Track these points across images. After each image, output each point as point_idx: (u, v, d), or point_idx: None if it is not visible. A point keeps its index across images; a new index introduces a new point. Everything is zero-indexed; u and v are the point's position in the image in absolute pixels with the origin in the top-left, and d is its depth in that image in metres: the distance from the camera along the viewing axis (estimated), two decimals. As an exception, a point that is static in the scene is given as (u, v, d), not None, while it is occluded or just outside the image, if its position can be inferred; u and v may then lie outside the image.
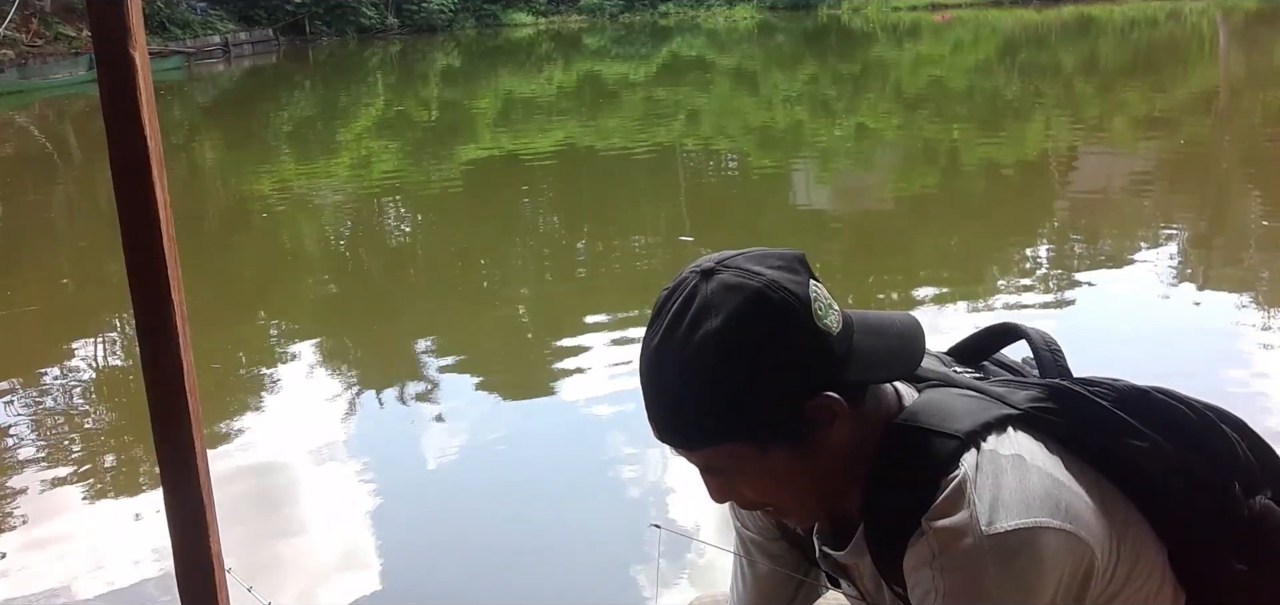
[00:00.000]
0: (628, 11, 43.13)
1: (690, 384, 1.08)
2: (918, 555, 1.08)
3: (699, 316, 1.08)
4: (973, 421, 1.13)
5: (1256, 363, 5.22)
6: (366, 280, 8.59)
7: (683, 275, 1.13)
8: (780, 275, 1.10)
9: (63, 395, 5.88)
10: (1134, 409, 1.18)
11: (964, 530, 1.05)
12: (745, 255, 1.13)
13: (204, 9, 33.82)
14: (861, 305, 1.18)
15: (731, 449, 1.11)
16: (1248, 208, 9.18)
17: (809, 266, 1.14)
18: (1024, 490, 1.07)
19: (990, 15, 35.63)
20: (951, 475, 1.08)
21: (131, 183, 1.26)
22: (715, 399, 1.08)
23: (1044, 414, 1.17)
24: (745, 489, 1.17)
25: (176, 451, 1.35)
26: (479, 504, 4.31)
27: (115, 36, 1.22)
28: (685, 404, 1.10)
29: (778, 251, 1.14)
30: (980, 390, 1.21)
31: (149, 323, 1.30)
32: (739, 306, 1.07)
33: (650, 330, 1.12)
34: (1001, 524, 1.05)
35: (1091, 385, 1.21)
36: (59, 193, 13.53)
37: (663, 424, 1.13)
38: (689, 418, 1.11)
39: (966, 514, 1.06)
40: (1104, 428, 1.17)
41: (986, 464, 1.09)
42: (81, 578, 3.79)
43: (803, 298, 1.09)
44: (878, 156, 13.48)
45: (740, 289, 1.08)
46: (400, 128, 18.14)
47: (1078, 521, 1.09)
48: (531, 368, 6.04)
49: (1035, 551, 1.05)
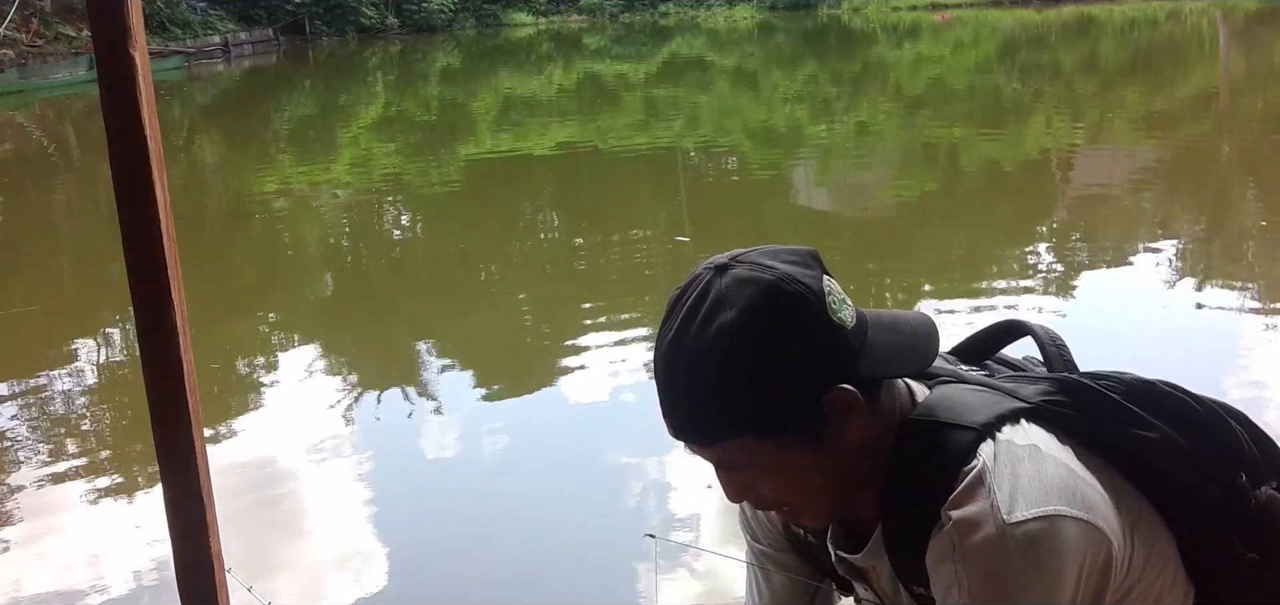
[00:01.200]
0: (628, 11, 43.13)
1: (706, 377, 1.08)
2: (939, 548, 1.08)
3: (713, 310, 1.08)
4: (988, 414, 1.13)
5: (1257, 362, 5.22)
6: (366, 280, 8.60)
7: (696, 272, 1.13)
8: (794, 269, 1.10)
9: (63, 395, 5.88)
10: (1142, 401, 1.19)
11: (984, 519, 1.05)
12: (758, 251, 1.13)
13: (204, 9, 33.81)
14: (862, 305, 1.18)
15: (747, 443, 1.11)
16: (1248, 207, 9.18)
17: (822, 262, 1.15)
18: (1041, 479, 1.08)
19: (990, 15, 35.61)
20: (970, 466, 1.08)
21: (131, 183, 1.26)
22: (731, 391, 1.08)
23: (1055, 407, 1.17)
24: (761, 486, 1.16)
25: (176, 451, 1.35)
26: (479, 504, 4.31)
27: (115, 36, 1.22)
28: (700, 397, 1.10)
29: (791, 248, 1.15)
30: (991, 385, 1.21)
31: (149, 323, 1.30)
32: (753, 299, 1.07)
33: (664, 326, 1.12)
34: (1021, 512, 1.05)
35: (1099, 378, 1.22)
36: (59, 193, 13.52)
37: (678, 420, 1.13)
38: (704, 412, 1.10)
39: (986, 503, 1.06)
40: (1114, 420, 1.17)
41: (1003, 454, 1.09)
42: (81, 578, 3.79)
43: (817, 291, 1.10)
44: (878, 156, 13.48)
45: (754, 282, 1.08)
46: (400, 127, 18.13)
47: (1094, 511, 1.09)
48: (531, 367, 6.04)
49: (1055, 540, 1.05)
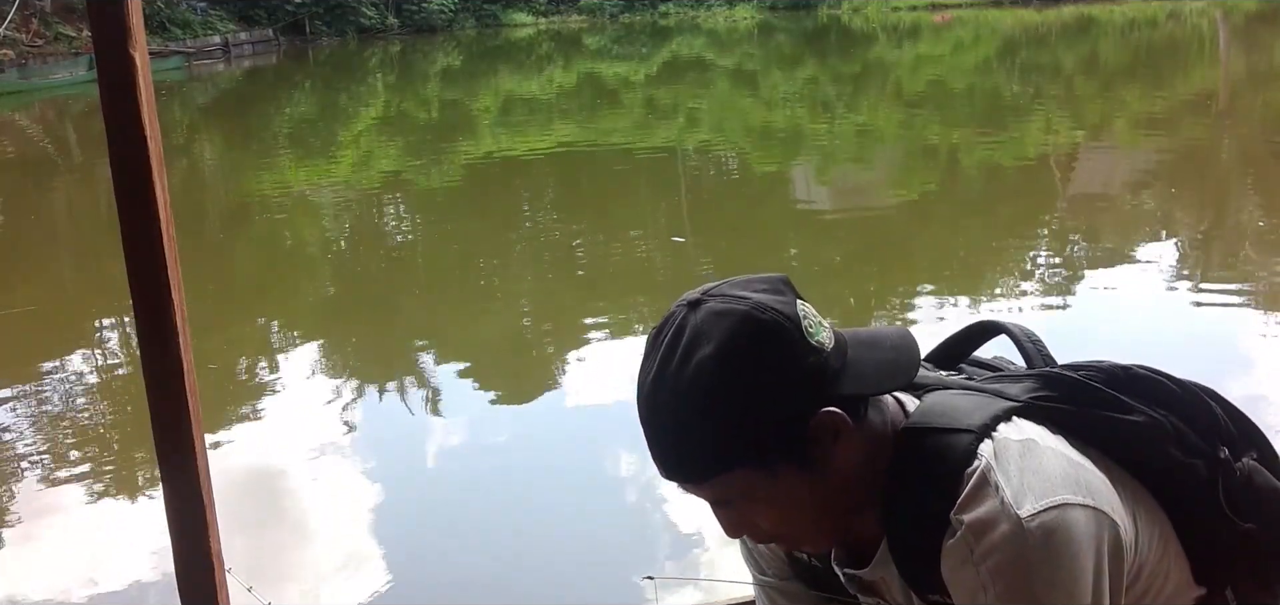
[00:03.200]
0: (628, 11, 43.10)
1: (691, 414, 1.08)
2: (956, 555, 1.08)
3: (691, 347, 1.08)
4: (982, 415, 1.13)
5: (1257, 361, 5.22)
6: (366, 280, 8.60)
7: (670, 310, 1.13)
8: (767, 297, 1.10)
9: (63, 395, 5.88)
10: (1123, 387, 1.21)
11: (997, 518, 1.05)
12: (729, 283, 1.13)
13: (204, 9, 33.79)
14: (862, 307, 1.18)
15: (738, 477, 1.11)
16: (1248, 207, 9.18)
17: (794, 287, 1.15)
18: (1045, 472, 1.08)
19: (990, 15, 35.61)
20: (972, 467, 1.09)
21: (131, 183, 1.26)
22: (717, 426, 1.08)
23: (1042, 402, 1.18)
24: (758, 518, 1.16)
25: (176, 451, 1.35)
26: (478, 504, 4.31)
27: (115, 36, 1.22)
28: (688, 436, 1.09)
29: (762, 276, 1.15)
30: (978, 388, 1.22)
31: (149, 323, 1.30)
32: (730, 330, 1.07)
33: (643, 369, 1.12)
34: (1030, 506, 1.05)
35: (1079, 369, 1.23)
36: (59, 193, 13.52)
37: (668, 461, 1.13)
38: (691, 451, 1.10)
39: (996, 501, 1.06)
40: (1100, 408, 1.19)
41: (1003, 451, 1.10)
42: (81, 578, 3.79)
43: (792, 317, 1.10)
44: (877, 156, 13.48)
45: (728, 314, 1.08)
46: (400, 127, 18.14)
47: (1099, 497, 1.10)
48: (531, 367, 6.04)
49: (1069, 529, 1.05)
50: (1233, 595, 1.25)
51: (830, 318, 1.17)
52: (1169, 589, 1.21)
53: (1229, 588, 1.25)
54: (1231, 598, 1.25)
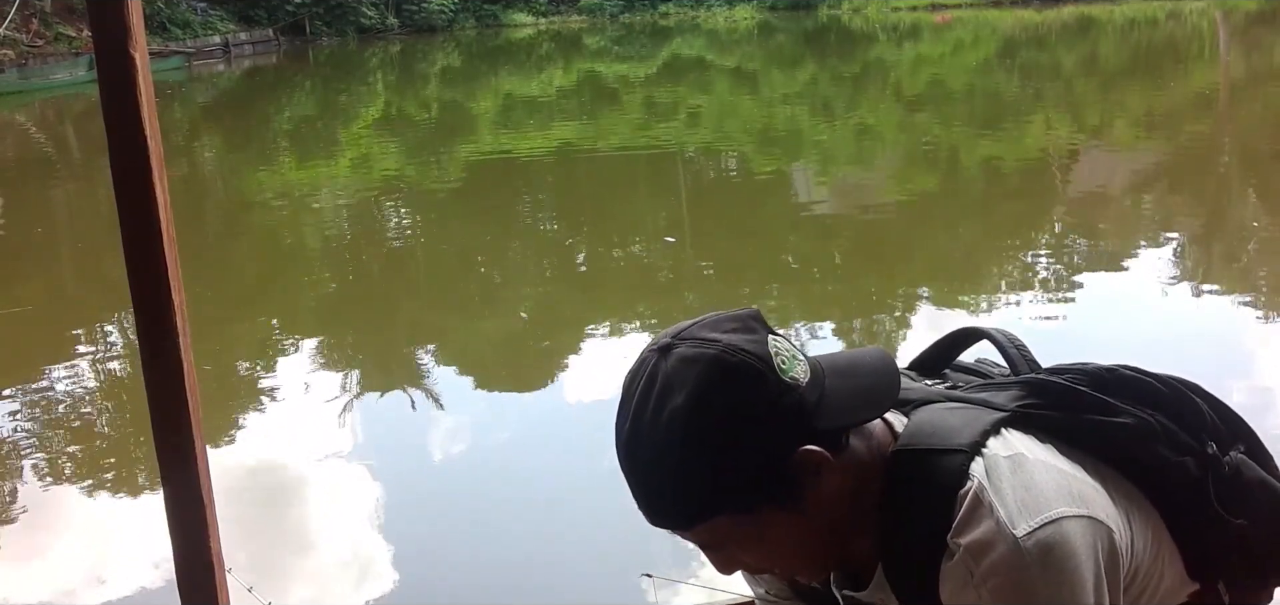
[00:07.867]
0: (628, 12, 43.08)
1: (666, 466, 1.07)
2: (956, 579, 1.07)
3: (662, 397, 1.07)
4: (971, 432, 1.12)
5: (1257, 361, 5.22)
6: (366, 280, 8.59)
7: (642, 356, 1.12)
8: (736, 338, 1.08)
9: (63, 395, 5.88)
10: (1109, 388, 1.20)
11: (994, 539, 1.05)
12: (699, 324, 1.12)
13: (204, 9, 33.78)
14: (860, 310, 1.17)
15: (723, 522, 1.10)
16: (1248, 207, 9.18)
17: (765, 322, 1.13)
18: (1037, 486, 1.08)
19: (990, 15, 35.59)
20: (965, 488, 1.08)
21: (131, 183, 1.26)
22: (694, 476, 1.07)
23: (1030, 410, 1.18)
24: (746, 557, 1.16)
25: (176, 451, 1.35)
26: (478, 502, 4.31)
27: (115, 36, 1.22)
28: (666, 487, 1.09)
29: (732, 314, 1.13)
30: (964, 400, 1.21)
31: (149, 323, 1.30)
32: (699, 378, 1.06)
33: (619, 418, 1.11)
34: (1027, 524, 1.05)
35: (1064, 373, 1.23)
36: (59, 193, 13.52)
37: (651, 510, 1.12)
38: (672, 499, 1.10)
39: (992, 522, 1.05)
40: (1088, 412, 1.18)
41: (995, 469, 1.09)
42: (81, 578, 3.79)
43: (763, 355, 1.08)
44: (877, 157, 13.47)
45: (698, 360, 1.07)
46: (400, 128, 18.14)
47: (1092, 505, 1.10)
48: (530, 365, 6.04)
49: (1067, 543, 1.05)
50: (1226, 589, 1.25)
51: (829, 319, 1.17)
52: (1164, 587, 1.21)
53: (1222, 582, 1.25)
54: (1224, 592, 1.25)
